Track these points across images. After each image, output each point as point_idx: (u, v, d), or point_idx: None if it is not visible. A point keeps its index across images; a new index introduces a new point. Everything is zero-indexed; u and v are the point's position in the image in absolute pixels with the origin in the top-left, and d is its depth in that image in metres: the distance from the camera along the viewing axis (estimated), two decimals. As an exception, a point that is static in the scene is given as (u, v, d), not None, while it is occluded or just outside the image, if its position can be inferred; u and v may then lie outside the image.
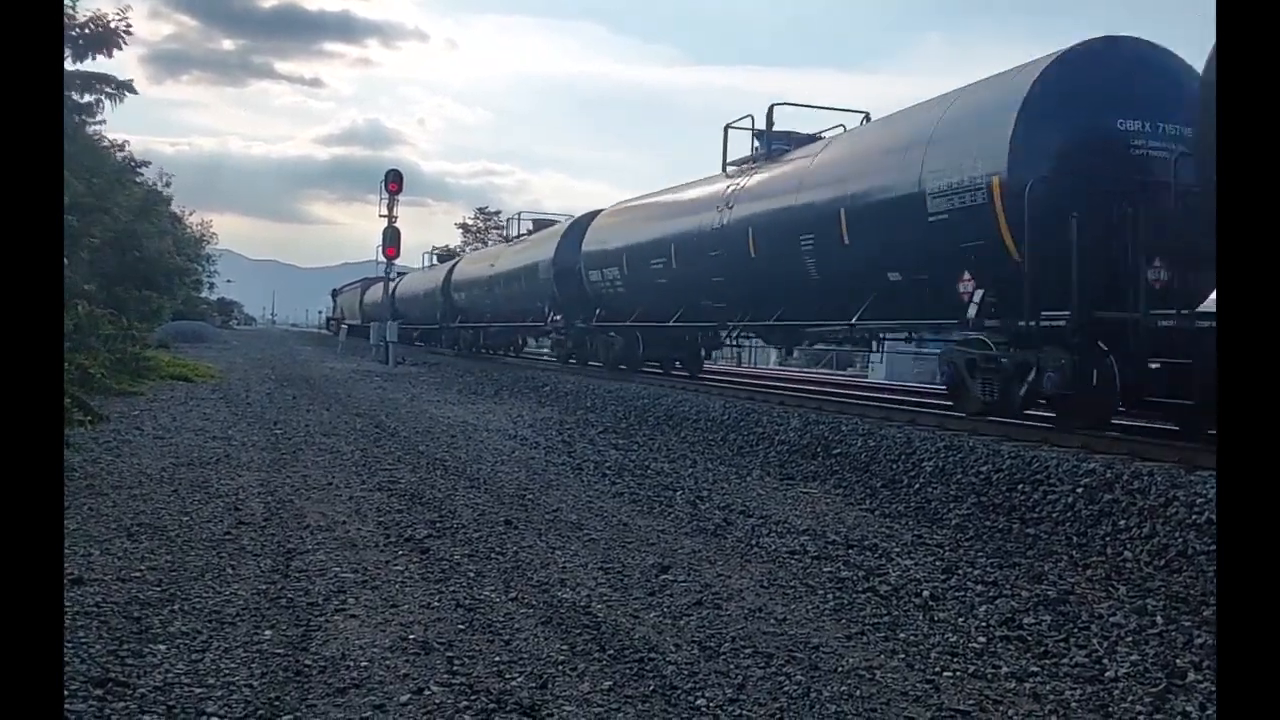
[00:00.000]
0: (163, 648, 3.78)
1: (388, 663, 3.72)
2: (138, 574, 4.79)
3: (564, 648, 3.98)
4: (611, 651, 3.93)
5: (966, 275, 9.57)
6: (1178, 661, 3.99)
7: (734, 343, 19.61)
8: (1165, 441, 8.33)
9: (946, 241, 9.69)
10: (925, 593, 5.00)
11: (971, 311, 9.48)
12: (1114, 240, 8.50)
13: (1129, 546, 6.01)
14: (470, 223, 73.52)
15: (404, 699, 3.38)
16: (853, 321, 11.69)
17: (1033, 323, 8.87)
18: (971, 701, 3.54)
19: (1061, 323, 8.63)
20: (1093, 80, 8.98)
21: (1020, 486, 7.37)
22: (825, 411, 11.92)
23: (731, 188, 14.80)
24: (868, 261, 11.13)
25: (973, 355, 10.01)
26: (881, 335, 13.45)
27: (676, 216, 16.79)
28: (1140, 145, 8.82)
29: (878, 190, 10.90)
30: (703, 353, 19.95)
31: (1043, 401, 9.61)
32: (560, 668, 3.76)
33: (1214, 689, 3.66)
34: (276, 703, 3.31)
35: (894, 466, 8.62)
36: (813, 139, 14.27)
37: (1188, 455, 7.69)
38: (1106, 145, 8.77)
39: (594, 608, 4.54)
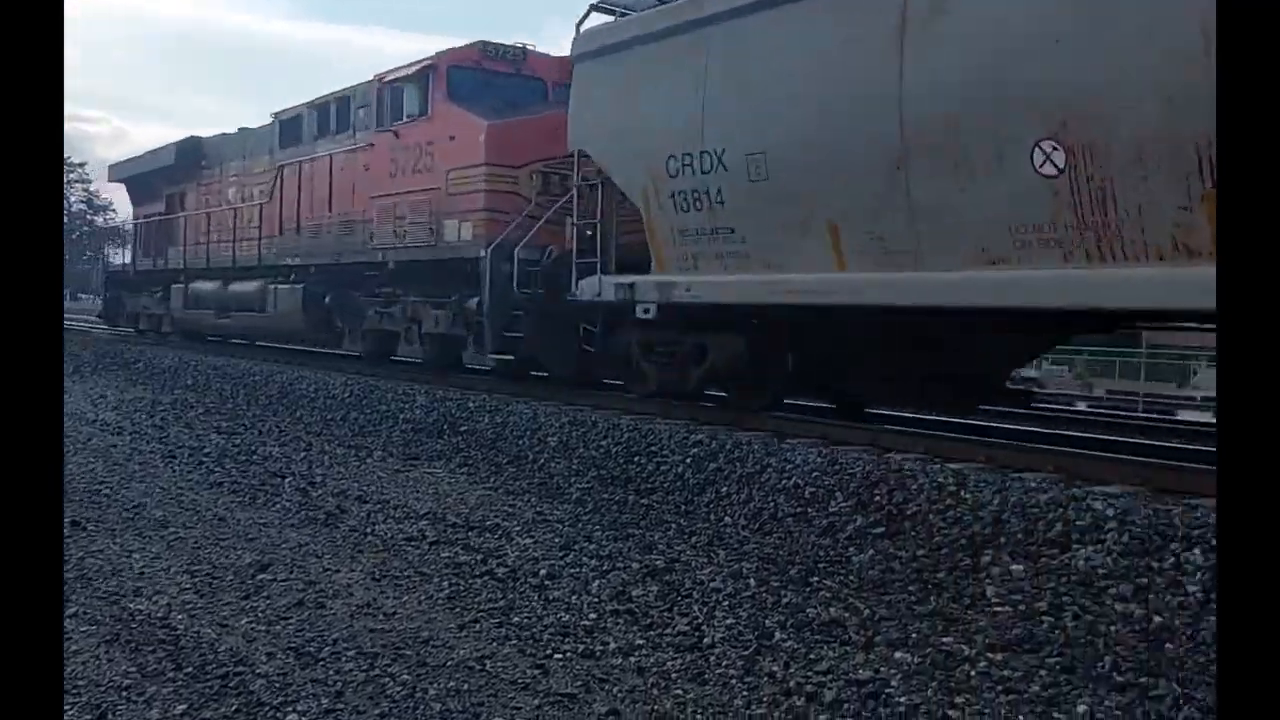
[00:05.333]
0: None
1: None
2: None
3: (131, 669, 3.45)
4: (190, 669, 3.46)
5: None
6: (766, 622, 4.26)
7: None
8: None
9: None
10: (542, 571, 4.97)
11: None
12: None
13: (729, 512, 6.43)
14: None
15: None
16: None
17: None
18: (579, 683, 3.52)
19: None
20: None
21: (637, 458, 7.65)
22: (453, 387, 11.72)
23: None
24: None
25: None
26: None
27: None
28: None
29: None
30: None
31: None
32: (125, 694, 3.25)
33: (798, 647, 3.95)
34: None
35: (520, 442, 8.62)
36: None
37: (779, 425, 8.44)
38: None
39: (173, 619, 4.00)
